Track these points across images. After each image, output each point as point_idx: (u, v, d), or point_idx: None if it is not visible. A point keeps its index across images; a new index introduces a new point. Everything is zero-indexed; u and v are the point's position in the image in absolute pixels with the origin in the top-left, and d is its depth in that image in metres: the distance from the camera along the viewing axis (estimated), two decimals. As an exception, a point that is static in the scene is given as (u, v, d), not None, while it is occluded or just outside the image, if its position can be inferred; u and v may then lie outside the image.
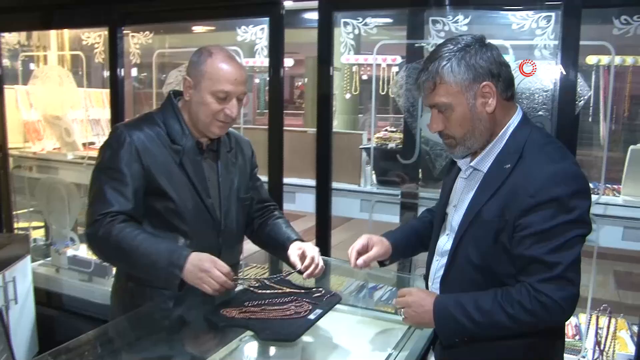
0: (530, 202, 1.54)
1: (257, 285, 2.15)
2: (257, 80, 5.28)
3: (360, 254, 1.99)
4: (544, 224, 1.53)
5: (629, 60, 3.13)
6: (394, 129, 3.57)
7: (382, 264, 2.11)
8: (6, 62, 4.64)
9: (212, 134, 2.11)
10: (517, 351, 1.69)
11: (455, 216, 1.78)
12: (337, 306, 2.17)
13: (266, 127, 3.44)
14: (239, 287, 2.11)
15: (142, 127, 2.07)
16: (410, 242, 2.10)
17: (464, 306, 1.62)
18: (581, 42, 2.65)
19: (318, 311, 1.91)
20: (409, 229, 2.17)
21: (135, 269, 1.96)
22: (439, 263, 1.83)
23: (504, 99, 1.68)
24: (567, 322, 3.08)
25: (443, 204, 1.89)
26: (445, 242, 1.82)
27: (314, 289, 2.12)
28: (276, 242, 2.28)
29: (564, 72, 2.66)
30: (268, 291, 2.10)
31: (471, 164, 1.74)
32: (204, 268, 1.82)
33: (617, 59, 3.05)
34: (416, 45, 3.19)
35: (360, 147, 3.58)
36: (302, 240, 2.24)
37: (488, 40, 1.70)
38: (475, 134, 1.68)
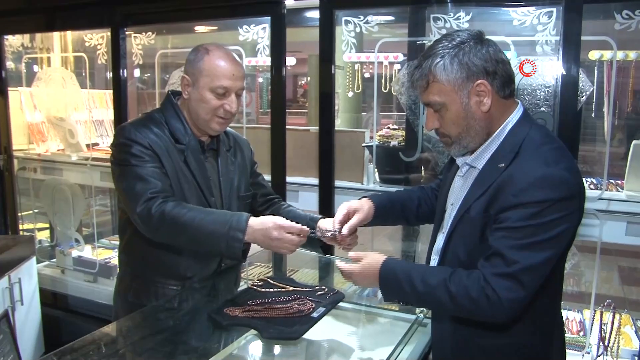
0: (511, 200, 1.52)
1: (260, 284, 2.16)
2: (260, 80, 5.27)
3: (342, 224, 1.97)
4: (516, 222, 1.50)
5: (632, 55, 3.11)
6: (396, 127, 3.56)
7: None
8: (10, 64, 4.65)
9: (213, 130, 2.12)
10: (514, 351, 1.68)
11: (451, 213, 1.76)
12: (341, 304, 2.18)
13: (269, 126, 3.44)
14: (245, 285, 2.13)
15: (148, 125, 2.08)
16: (393, 210, 2.08)
17: (410, 275, 1.61)
18: (583, 38, 2.64)
19: (321, 309, 1.92)
20: (395, 197, 2.14)
21: (194, 243, 1.93)
22: (434, 262, 1.82)
23: (502, 97, 1.63)
24: (571, 319, 3.09)
25: (442, 202, 1.87)
26: (440, 241, 1.80)
27: (317, 287, 2.12)
28: (299, 222, 2.24)
29: (566, 68, 2.66)
30: (271, 290, 2.10)
31: (467, 161, 1.71)
32: (274, 237, 1.83)
33: (620, 54, 3.03)
34: (418, 42, 3.19)
35: (363, 145, 3.58)
36: None
37: (486, 36, 1.65)
38: (470, 133, 1.65)
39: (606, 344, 2.78)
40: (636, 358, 2.81)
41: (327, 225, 2.10)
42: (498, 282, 1.49)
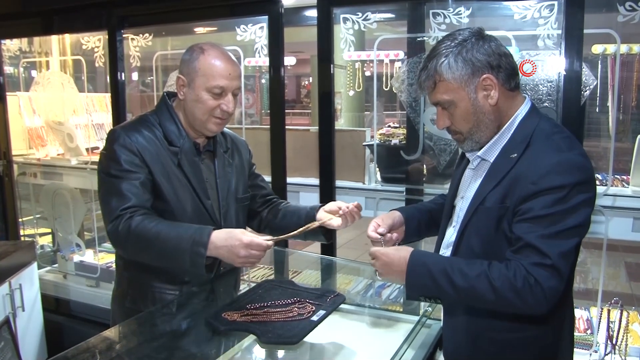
0: (531, 189, 1.53)
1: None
2: (263, 81, 5.26)
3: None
4: (542, 210, 1.51)
5: (636, 48, 3.07)
6: (397, 125, 3.53)
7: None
8: (9, 69, 4.64)
9: (209, 131, 2.09)
10: (526, 345, 1.68)
11: (462, 207, 1.77)
12: (344, 306, 2.16)
13: (268, 126, 3.41)
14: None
15: (139, 128, 2.04)
16: (421, 214, 2.06)
17: (445, 268, 1.58)
18: (585, 31, 2.61)
19: (321, 312, 1.88)
20: (419, 205, 2.16)
21: (160, 259, 1.92)
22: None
23: (508, 90, 1.67)
24: (578, 316, 3.04)
25: (451, 196, 1.89)
26: (451, 234, 1.81)
27: (317, 290, 2.09)
28: (298, 215, 2.23)
29: (568, 62, 2.62)
30: (271, 292, 2.07)
31: (478, 153, 1.73)
32: (241, 255, 1.80)
33: (624, 47, 2.99)
34: (418, 39, 3.15)
35: (364, 144, 3.54)
36: None
37: (487, 32, 1.68)
38: (481, 127, 1.68)
39: (614, 342, 2.74)
40: (645, 356, 2.77)
41: (331, 207, 2.11)
42: (538, 272, 1.49)
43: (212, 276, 1.94)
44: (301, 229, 2.04)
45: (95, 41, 4.12)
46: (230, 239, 1.81)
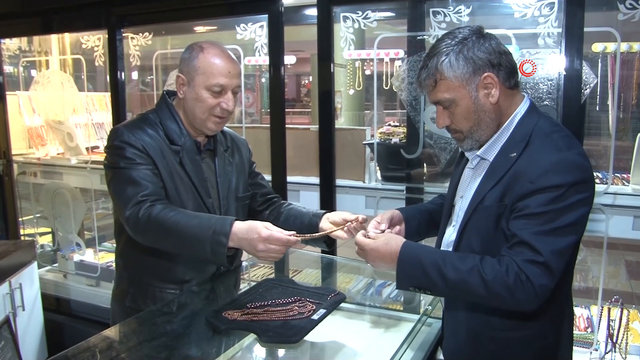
0: (529, 187, 1.53)
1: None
2: (263, 80, 5.25)
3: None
4: (537, 208, 1.52)
5: (636, 46, 3.07)
6: (397, 124, 3.52)
7: None
8: (9, 69, 4.63)
9: (209, 130, 2.08)
10: (527, 344, 1.68)
11: (462, 206, 1.77)
12: (343, 305, 2.15)
13: (269, 125, 3.41)
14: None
15: (142, 126, 2.04)
16: (421, 214, 2.06)
17: (436, 260, 1.58)
18: (585, 29, 2.61)
19: (322, 311, 1.88)
20: (419, 205, 2.18)
21: (181, 247, 1.88)
22: None
23: (508, 88, 1.67)
24: (578, 315, 3.04)
25: (451, 196, 1.88)
26: (451, 234, 1.81)
27: (317, 288, 2.09)
28: (301, 220, 2.23)
29: (569, 61, 2.61)
30: (272, 291, 2.06)
31: (478, 153, 1.73)
32: (260, 249, 1.78)
33: (624, 46, 2.99)
34: (418, 37, 3.14)
35: (364, 142, 3.54)
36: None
37: (487, 30, 1.69)
38: (481, 126, 1.68)
39: (614, 340, 2.74)
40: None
41: (335, 219, 2.11)
42: (530, 269, 1.49)
43: (231, 267, 1.92)
44: (322, 232, 2.08)
45: (95, 40, 4.12)
46: (250, 232, 1.79)
